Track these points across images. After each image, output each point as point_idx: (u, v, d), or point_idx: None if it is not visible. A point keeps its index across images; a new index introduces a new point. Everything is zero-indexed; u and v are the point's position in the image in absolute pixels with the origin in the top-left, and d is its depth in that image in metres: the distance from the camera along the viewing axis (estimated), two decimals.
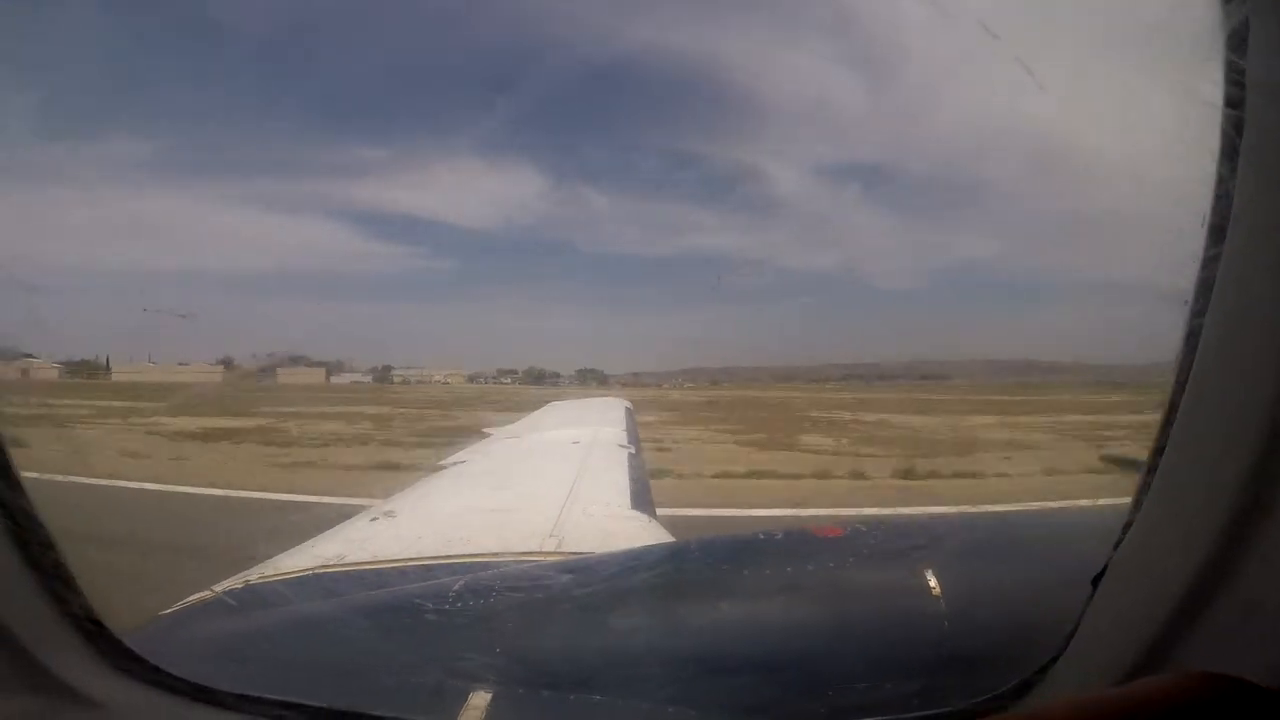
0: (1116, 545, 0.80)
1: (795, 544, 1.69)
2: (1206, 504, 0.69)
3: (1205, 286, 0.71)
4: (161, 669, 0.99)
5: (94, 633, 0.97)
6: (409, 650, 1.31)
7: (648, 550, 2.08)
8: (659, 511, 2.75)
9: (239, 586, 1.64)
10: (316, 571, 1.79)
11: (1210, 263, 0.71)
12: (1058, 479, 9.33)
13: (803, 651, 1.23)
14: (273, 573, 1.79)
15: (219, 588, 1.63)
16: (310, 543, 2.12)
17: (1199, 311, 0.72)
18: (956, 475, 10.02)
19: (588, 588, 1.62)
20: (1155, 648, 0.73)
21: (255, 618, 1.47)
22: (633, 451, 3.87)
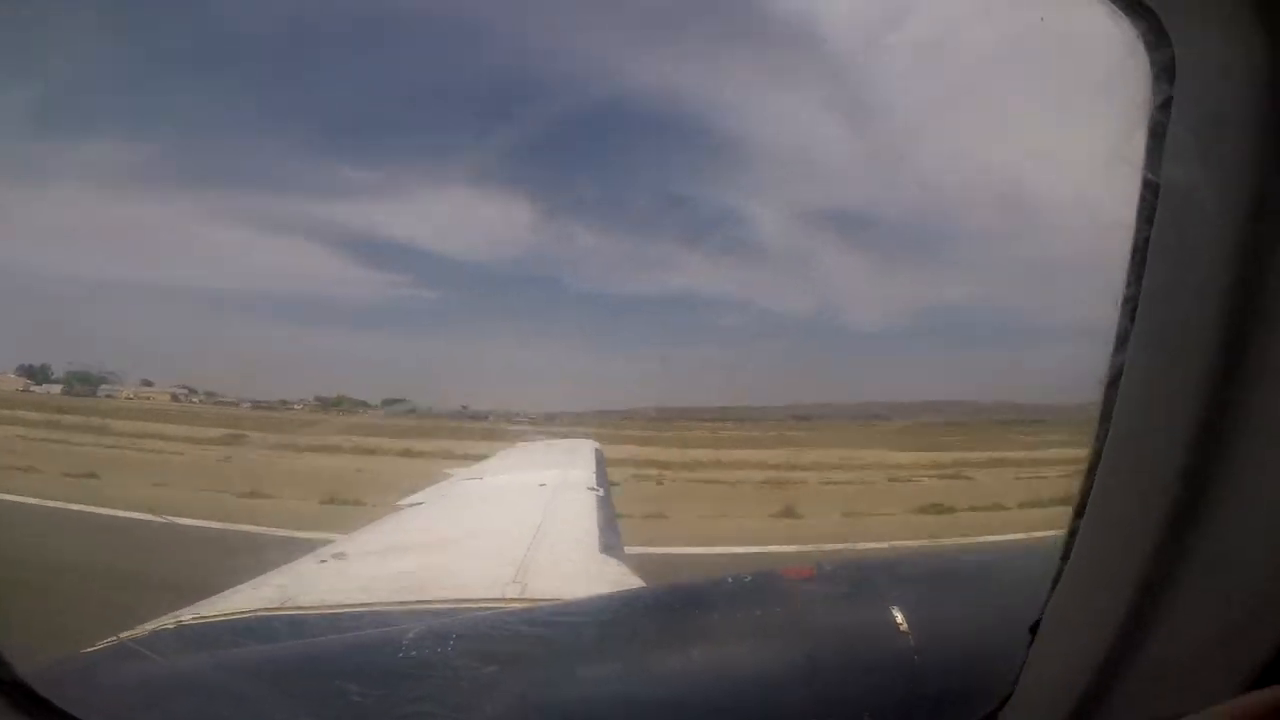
0: (1050, 592, 0.83)
1: (765, 587, 1.66)
2: (1130, 551, 0.73)
3: (1123, 337, 0.78)
4: None
5: (6, 683, 0.89)
6: (358, 703, 1.21)
7: (615, 597, 2.00)
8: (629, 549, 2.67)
9: (171, 627, 1.51)
10: (259, 614, 1.66)
11: (1123, 334, 0.77)
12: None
13: (775, 696, 1.20)
14: (210, 613, 1.65)
15: (149, 627, 1.49)
16: (252, 583, 1.98)
17: (1113, 381, 0.77)
18: None
19: (552, 637, 1.54)
20: (1095, 691, 0.76)
21: (187, 663, 1.35)
22: (602, 494, 3.78)
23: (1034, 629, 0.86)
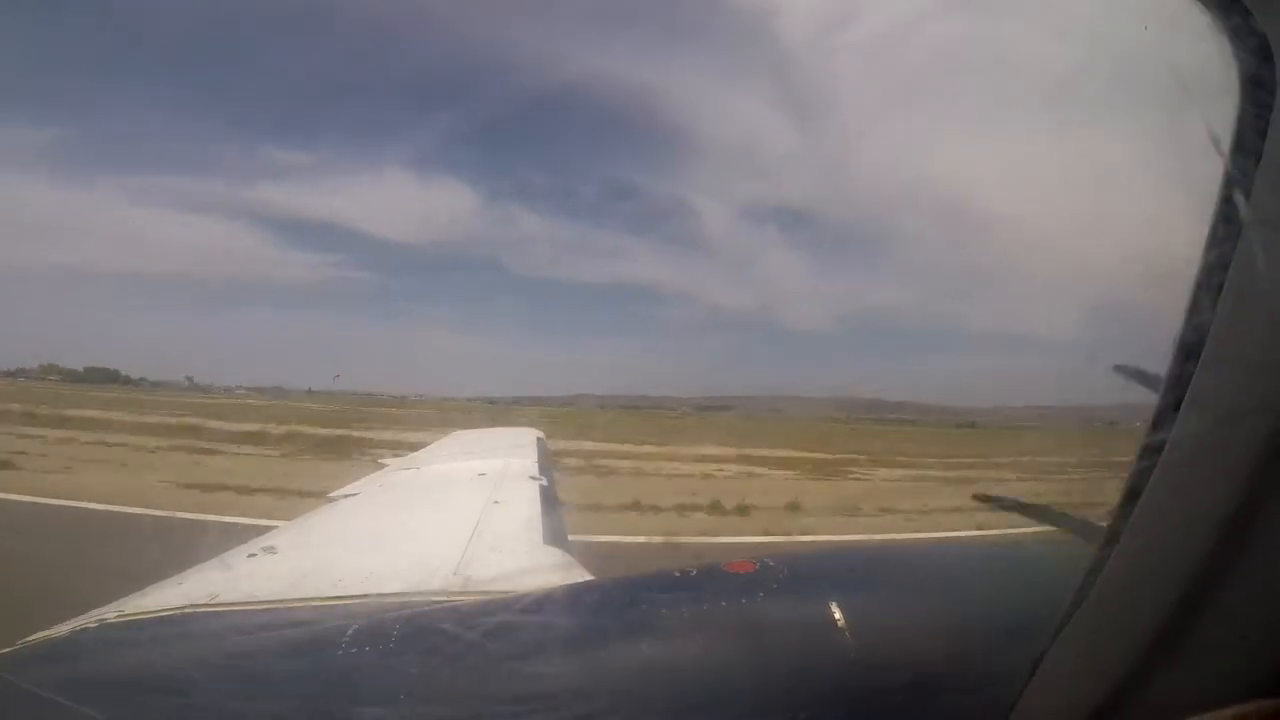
0: (1080, 589, 0.81)
1: (708, 581, 1.71)
2: (1182, 551, 0.72)
3: (1198, 327, 0.72)
4: None
5: None
6: (297, 700, 1.18)
7: (561, 590, 2.02)
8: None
9: (91, 625, 1.42)
10: (185, 611, 1.58)
11: (1197, 310, 0.73)
12: None
13: (713, 690, 1.24)
14: (132, 611, 1.56)
15: (67, 626, 1.40)
16: (175, 579, 1.88)
17: (1189, 355, 0.73)
18: None
19: (498, 629, 1.55)
20: (1121, 688, 0.75)
21: (110, 662, 1.27)
22: (545, 484, 3.77)
23: (1062, 624, 0.82)
